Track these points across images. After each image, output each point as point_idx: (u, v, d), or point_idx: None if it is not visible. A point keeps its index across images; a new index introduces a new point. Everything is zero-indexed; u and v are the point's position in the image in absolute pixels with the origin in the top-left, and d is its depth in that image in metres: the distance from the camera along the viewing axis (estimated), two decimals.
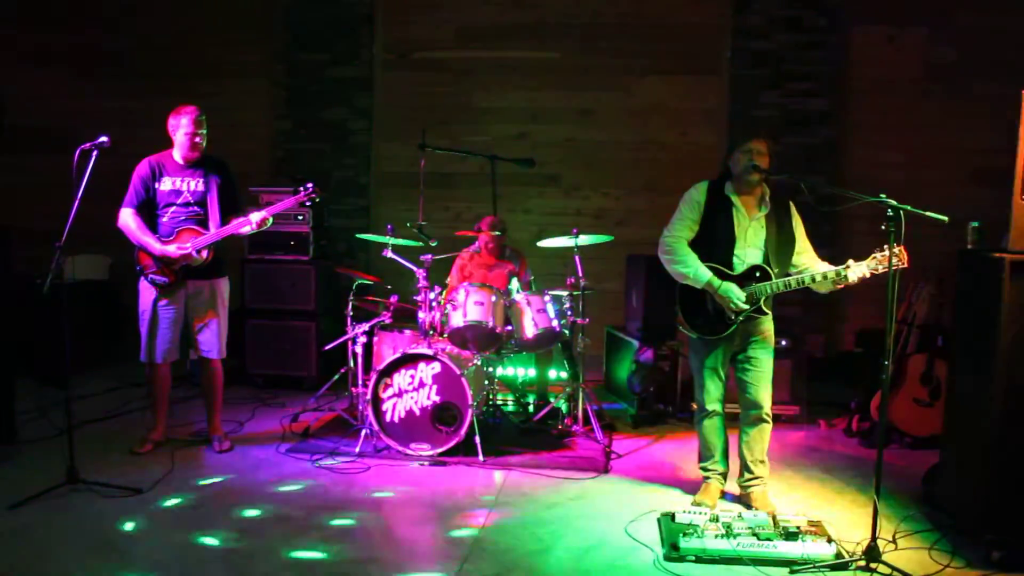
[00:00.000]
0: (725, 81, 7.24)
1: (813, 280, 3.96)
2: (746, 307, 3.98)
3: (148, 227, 4.80)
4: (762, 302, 4.03)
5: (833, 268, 3.94)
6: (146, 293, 4.86)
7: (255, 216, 4.77)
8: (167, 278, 4.80)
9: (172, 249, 4.74)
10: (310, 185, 4.89)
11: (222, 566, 3.52)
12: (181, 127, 4.78)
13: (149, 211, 4.83)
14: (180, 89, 6.96)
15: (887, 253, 3.61)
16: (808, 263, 4.13)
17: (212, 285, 4.94)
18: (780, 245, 4.09)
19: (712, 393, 4.22)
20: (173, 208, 4.81)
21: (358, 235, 6.04)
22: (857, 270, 3.83)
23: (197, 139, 4.80)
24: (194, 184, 4.84)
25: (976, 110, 6.83)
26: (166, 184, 4.82)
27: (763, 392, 4.17)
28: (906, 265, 3.63)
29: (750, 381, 4.16)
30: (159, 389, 5.02)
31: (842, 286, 3.96)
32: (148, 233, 4.78)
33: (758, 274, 4.04)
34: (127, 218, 4.80)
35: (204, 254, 4.80)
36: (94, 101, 7.72)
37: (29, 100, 7.92)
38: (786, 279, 3.99)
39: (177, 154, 4.85)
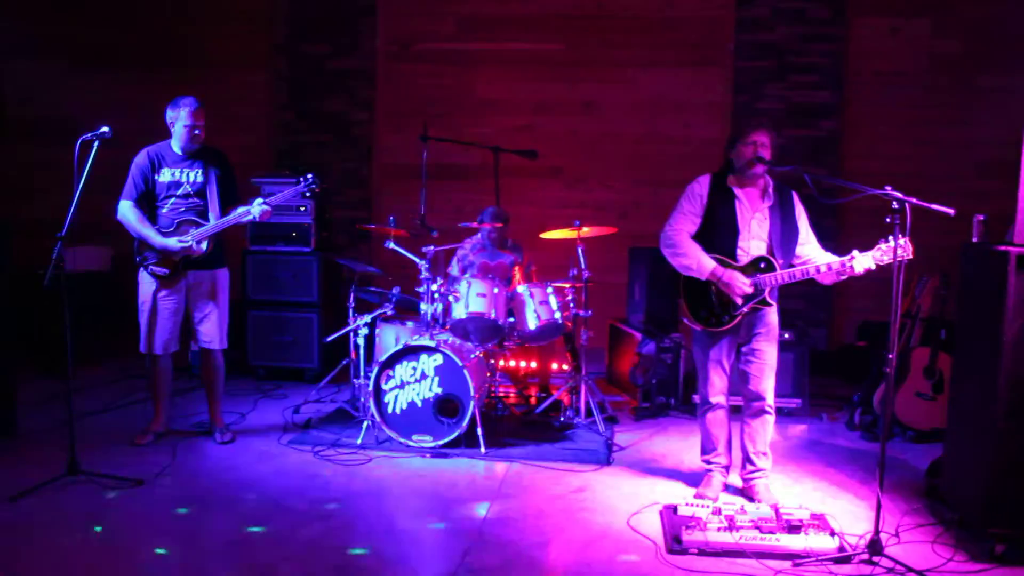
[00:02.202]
0: (729, 73, 7.22)
1: (819, 271, 3.94)
2: (750, 290, 3.97)
3: (148, 219, 4.79)
4: (766, 293, 4.02)
5: (838, 259, 3.93)
6: (146, 284, 4.85)
7: (256, 208, 4.75)
8: (167, 269, 4.78)
9: (173, 242, 4.73)
10: (311, 175, 4.87)
11: (224, 557, 3.52)
12: (180, 118, 4.74)
13: (148, 203, 4.81)
14: (181, 80, 6.96)
15: (892, 244, 3.60)
16: (812, 254, 4.11)
17: (212, 276, 4.93)
18: (784, 236, 4.08)
19: (716, 386, 4.21)
20: (173, 200, 4.79)
21: (360, 226, 6.02)
22: (862, 261, 3.81)
23: (196, 131, 4.77)
24: (193, 175, 4.82)
25: (981, 102, 6.80)
26: (165, 175, 4.79)
27: (767, 384, 4.16)
28: (911, 256, 3.61)
29: (754, 373, 4.15)
30: (160, 380, 5.00)
31: (846, 277, 3.94)
32: (148, 225, 4.76)
33: (763, 265, 4.02)
34: (126, 210, 4.77)
35: (204, 245, 4.78)
36: (95, 92, 7.70)
37: (29, 91, 7.91)
38: (791, 270, 3.97)
39: (176, 145, 4.82)
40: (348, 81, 7.53)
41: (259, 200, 4.77)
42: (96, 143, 4.26)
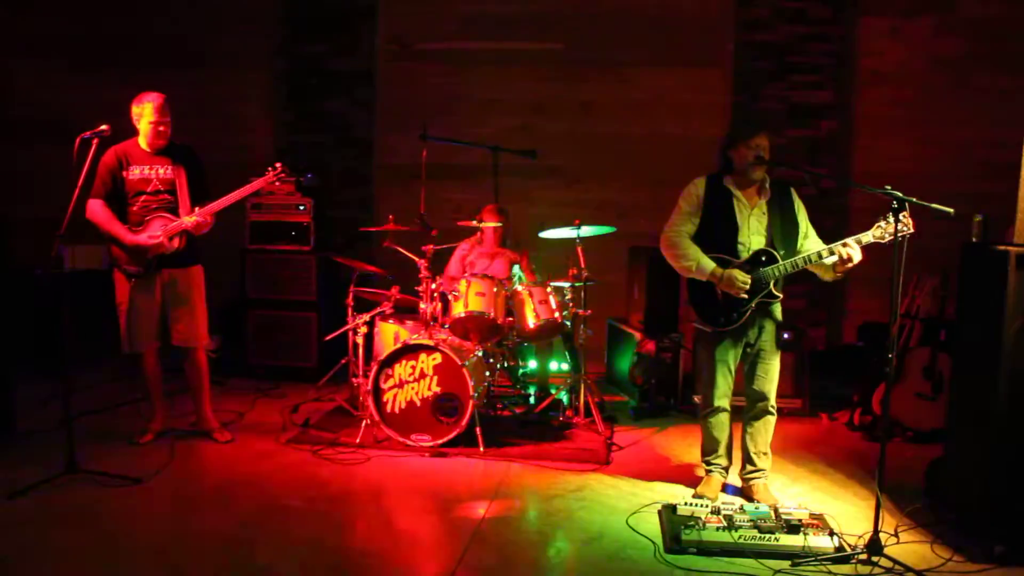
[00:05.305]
0: (729, 73, 7.21)
1: (820, 256, 3.91)
2: (745, 285, 3.95)
3: (118, 218, 4.73)
4: (772, 286, 4.01)
5: (840, 242, 3.87)
6: (122, 284, 4.80)
7: (222, 201, 4.70)
8: (140, 267, 4.74)
9: (143, 238, 4.67)
10: (279, 165, 4.88)
11: (222, 556, 3.51)
12: (145, 115, 4.68)
13: (118, 201, 4.74)
14: (180, 80, 6.93)
15: (891, 221, 3.59)
16: (815, 247, 4.09)
17: (187, 273, 4.87)
18: (784, 230, 4.07)
19: (720, 388, 4.19)
20: (144, 196, 4.72)
21: (360, 228, 6.03)
22: (863, 238, 3.78)
23: (161, 127, 4.70)
24: (163, 171, 4.75)
25: (982, 102, 6.79)
26: (134, 172, 4.73)
27: (770, 384, 4.15)
28: (912, 230, 3.57)
29: (758, 373, 4.15)
30: (151, 378, 4.97)
31: (847, 267, 3.89)
32: (118, 223, 4.70)
33: (764, 258, 4.01)
34: (96, 209, 4.70)
35: (176, 241, 4.73)
36: (94, 90, 7.66)
37: (29, 89, 7.90)
38: (792, 260, 3.95)
39: (143, 142, 4.75)
40: (348, 81, 7.53)
41: (225, 198, 4.72)
42: (95, 141, 4.25)
